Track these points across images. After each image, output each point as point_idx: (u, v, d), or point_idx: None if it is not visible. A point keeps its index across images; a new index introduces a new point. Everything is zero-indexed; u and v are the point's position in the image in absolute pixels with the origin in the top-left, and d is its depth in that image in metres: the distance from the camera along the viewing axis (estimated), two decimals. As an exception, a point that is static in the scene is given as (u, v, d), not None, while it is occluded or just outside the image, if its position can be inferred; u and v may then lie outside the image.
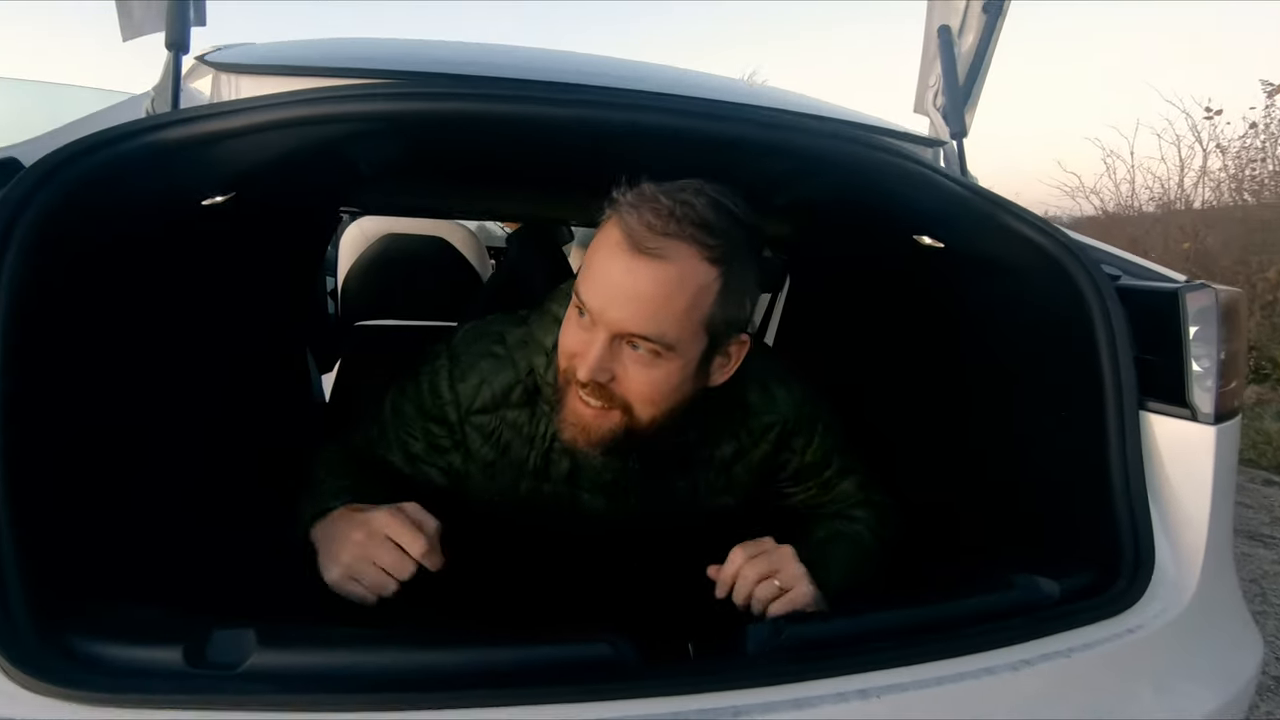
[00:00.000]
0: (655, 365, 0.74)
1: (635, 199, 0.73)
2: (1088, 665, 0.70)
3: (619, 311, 0.71)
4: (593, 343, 0.73)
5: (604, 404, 0.76)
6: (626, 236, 0.71)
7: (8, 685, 0.53)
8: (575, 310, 0.76)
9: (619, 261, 0.71)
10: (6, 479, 0.58)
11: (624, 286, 0.71)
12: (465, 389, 0.89)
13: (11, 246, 0.63)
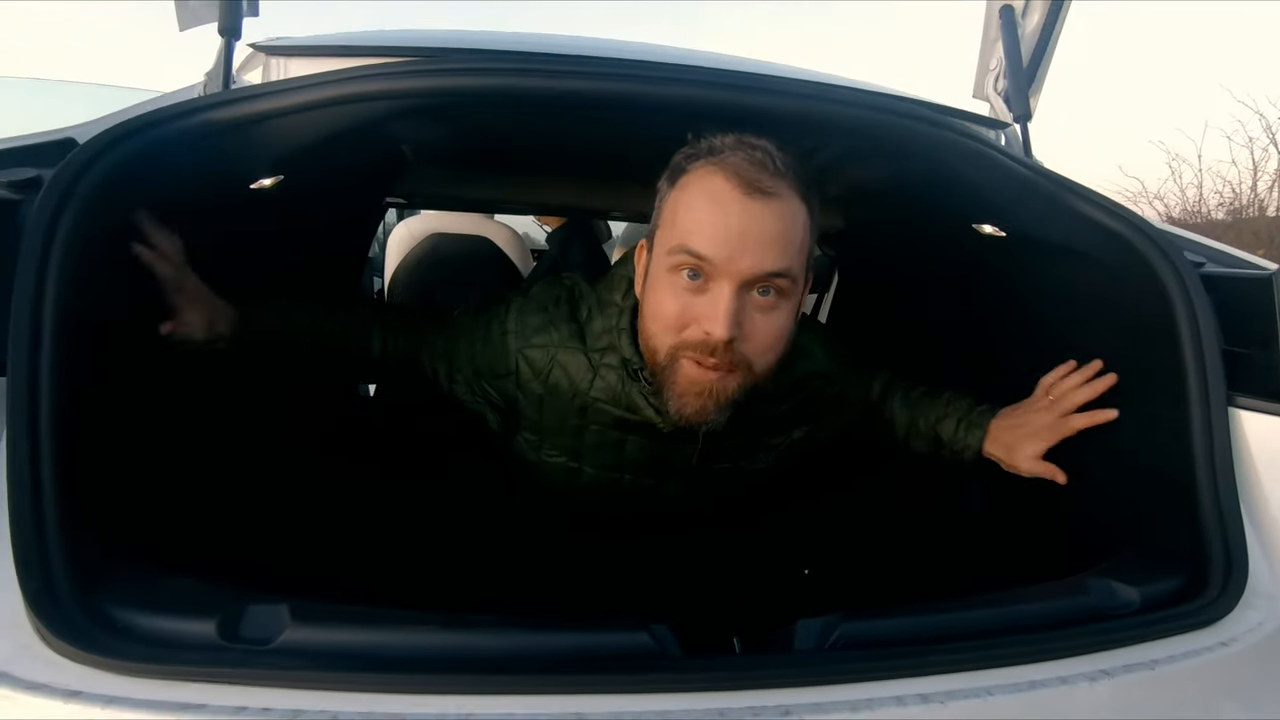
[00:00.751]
0: (778, 309, 0.74)
1: (734, 145, 0.72)
2: (1175, 680, 0.64)
3: (751, 255, 0.70)
4: (718, 299, 0.70)
5: (727, 365, 0.73)
6: (737, 180, 0.70)
7: (46, 652, 0.53)
8: (679, 274, 0.73)
9: (735, 206, 0.70)
10: (54, 450, 0.59)
11: (751, 229, 0.70)
12: (530, 325, 0.89)
13: (68, 213, 0.64)
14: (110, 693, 0.50)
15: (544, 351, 0.88)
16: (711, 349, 0.72)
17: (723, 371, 0.74)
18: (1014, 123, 1.12)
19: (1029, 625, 0.66)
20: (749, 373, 0.75)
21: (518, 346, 0.88)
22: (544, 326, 0.88)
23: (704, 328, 0.71)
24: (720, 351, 0.72)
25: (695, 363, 0.73)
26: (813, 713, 0.54)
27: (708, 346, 0.72)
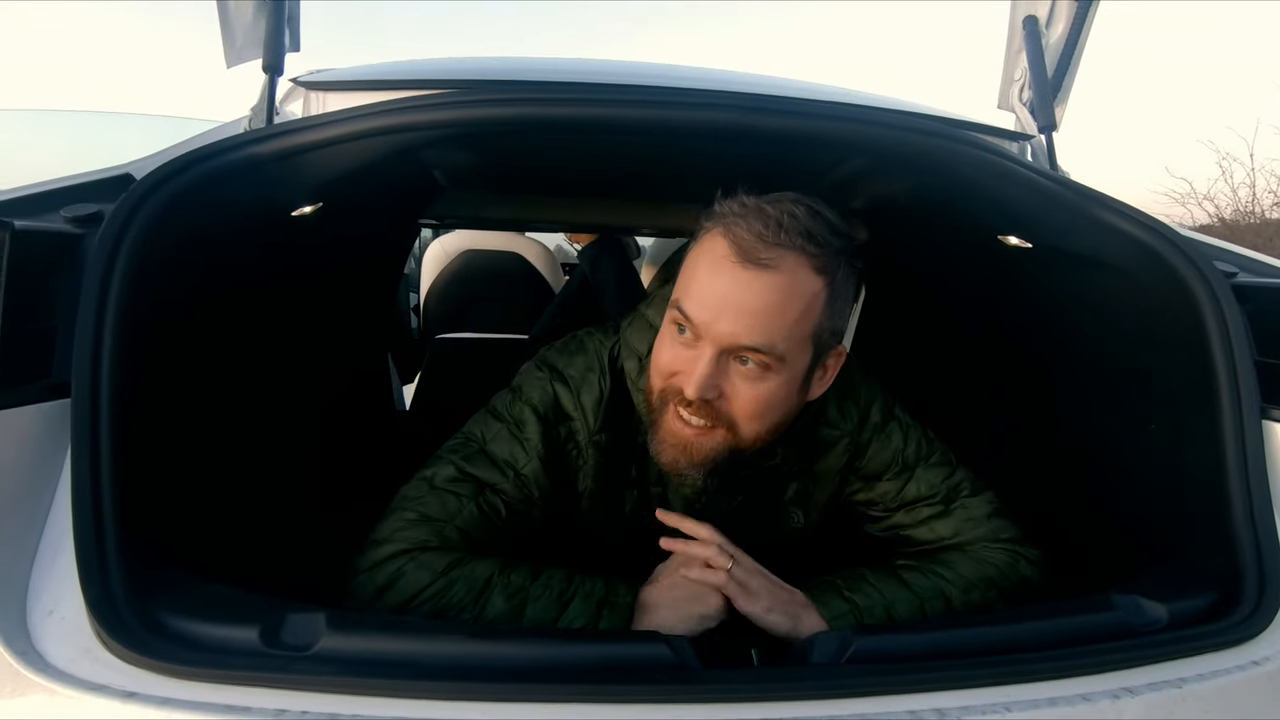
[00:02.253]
0: (763, 379, 0.73)
1: (739, 209, 0.72)
2: (1203, 699, 0.63)
3: (729, 324, 0.70)
4: (698, 359, 0.71)
5: (707, 422, 0.74)
6: (735, 247, 0.69)
7: (105, 655, 0.57)
8: (674, 327, 0.75)
9: (726, 273, 0.70)
10: (112, 466, 0.63)
11: (734, 298, 0.69)
12: (589, 406, 0.86)
13: (126, 245, 0.69)
14: (163, 694, 0.54)
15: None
16: (688, 403, 0.73)
17: (702, 429, 0.74)
18: (1039, 134, 1.12)
19: (1051, 641, 0.66)
20: (732, 434, 0.75)
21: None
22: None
23: (681, 383, 0.73)
24: (698, 409, 0.73)
25: (678, 415, 0.75)
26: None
27: (685, 400, 0.73)
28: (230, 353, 0.90)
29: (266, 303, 0.99)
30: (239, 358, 0.92)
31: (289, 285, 1.05)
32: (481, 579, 0.73)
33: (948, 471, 0.93)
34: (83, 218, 0.73)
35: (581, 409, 0.85)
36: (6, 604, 0.58)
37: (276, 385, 0.99)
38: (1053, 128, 1.11)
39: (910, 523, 0.92)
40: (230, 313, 0.90)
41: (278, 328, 1.03)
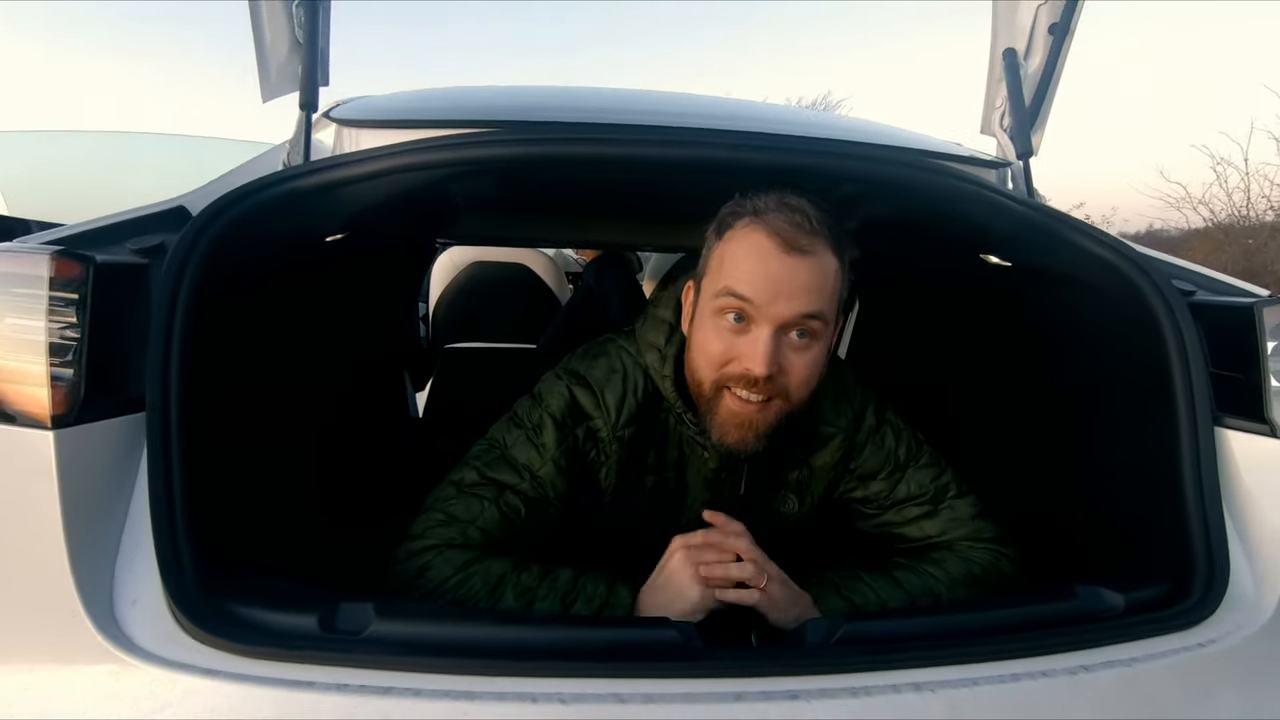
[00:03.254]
0: (810, 347, 0.84)
1: (773, 206, 0.83)
2: (1152, 677, 0.71)
3: (787, 302, 0.81)
4: (757, 340, 0.81)
5: (765, 396, 0.84)
6: (778, 239, 0.81)
7: (186, 639, 0.65)
8: (724, 317, 0.83)
9: (775, 260, 0.81)
10: (182, 472, 0.71)
11: (786, 280, 0.80)
12: (612, 405, 0.94)
13: (188, 274, 0.77)
14: (239, 671, 0.62)
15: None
16: (753, 382, 0.82)
17: (761, 404, 0.84)
18: (1017, 159, 1.20)
19: (1018, 626, 0.74)
20: (786, 402, 0.85)
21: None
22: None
23: (745, 365, 0.82)
24: (761, 385, 0.82)
25: (736, 397, 0.84)
26: (818, 697, 0.63)
27: (749, 380, 0.82)
28: (272, 365, 0.99)
29: (302, 319, 1.07)
30: (279, 369, 1.00)
31: (321, 303, 1.14)
32: (495, 576, 0.81)
33: (936, 473, 1.01)
34: (147, 249, 0.81)
35: (605, 408, 0.94)
36: (97, 595, 0.66)
37: (311, 394, 1.08)
38: (1030, 154, 1.19)
39: (900, 521, 1.01)
40: (272, 329, 0.98)
41: (312, 341, 1.11)
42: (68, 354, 0.68)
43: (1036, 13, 1.22)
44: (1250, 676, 0.75)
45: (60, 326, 0.68)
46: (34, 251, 0.70)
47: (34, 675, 0.66)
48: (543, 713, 0.60)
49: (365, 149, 0.92)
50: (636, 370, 0.96)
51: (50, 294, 0.68)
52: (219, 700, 0.61)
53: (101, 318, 0.71)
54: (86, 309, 0.70)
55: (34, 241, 0.79)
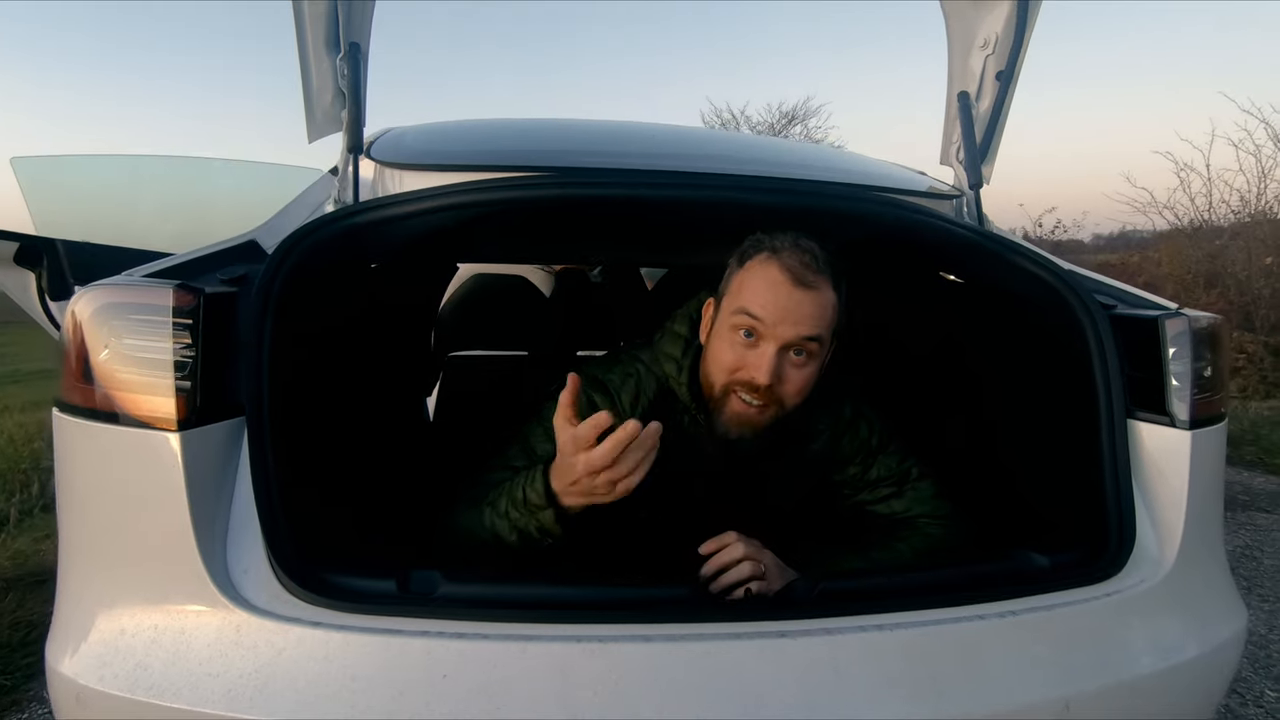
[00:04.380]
0: (806, 366, 1.00)
1: (790, 246, 0.99)
2: (1068, 619, 0.88)
3: (793, 327, 0.97)
4: (763, 355, 0.98)
5: (764, 402, 1.00)
6: (789, 274, 0.97)
7: (290, 599, 0.80)
8: (738, 333, 1.00)
9: (785, 290, 0.97)
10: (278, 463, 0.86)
11: (794, 309, 0.97)
12: (626, 407, 1.11)
13: (272, 301, 0.92)
14: (340, 623, 0.78)
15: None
16: (755, 389, 1.00)
17: (760, 408, 1.01)
18: (970, 189, 1.38)
19: (961, 583, 0.91)
20: (781, 408, 1.02)
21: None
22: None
23: (751, 374, 0.99)
24: (762, 392, 1.00)
25: (740, 399, 1.01)
26: (801, 636, 0.80)
27: (752, 386, 0.99)
28: (330, 373, 1.14)
29: (351, 334, 1.22)
30: (339, 376, 1.16)
31: (364, 319, 1.29)
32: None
33: (901, 458, 1.20)
34: (235, 279, 0.96)
35: (621, 407, 1.11)
36: (217, 566, 0.81)
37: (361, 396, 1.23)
38: (980, 184, 1.37)
39: (872, 500, 1.19)
40: (333, 342, 1.13)
41: (358, 353, 1.27)
42: (186, 369, 0.83)
43: (985, 61, 1.40)
44: (1151, 618, 0.93)
45: (180, 347, 0.83)
46: (156, 284, 0.85)
47: (160, 629, 0.81)
48: (585, 650, 0.76)
49: (413, 190, 1.08)
50: (649, 376, 1.13)
51: (173, 320, 0.83)
52: (326, 646, 0.76)
53: (209, 338, 0.86)
54: (199, 331, 0.85)
55: (137, 275, 0.93)
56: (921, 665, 0.81)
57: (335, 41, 1.24)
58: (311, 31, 1.23)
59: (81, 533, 0.88)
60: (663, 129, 1.54)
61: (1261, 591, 2.55)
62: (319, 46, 1.24)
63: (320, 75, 1.27)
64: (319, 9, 1.20)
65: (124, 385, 0.84)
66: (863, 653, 0.81)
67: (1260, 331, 6.34)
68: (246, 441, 0.87)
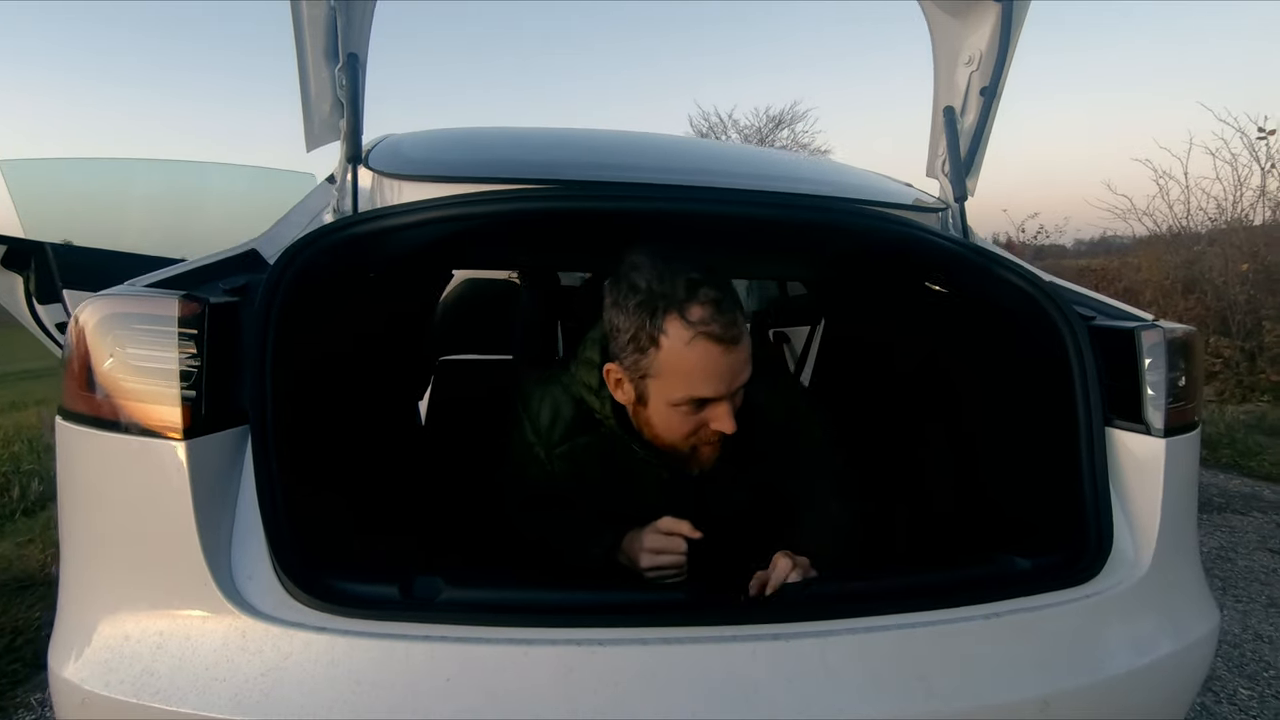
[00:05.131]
0: (740, 395, 1.05)
1: (709, 313, 0.96)
2: (1049, 619, 0.92)
3: (740, 378, 1.01)
4: (723, 411, 1.01)
5: (720, 438, 1.05)
6: (722, 343, 0.97)
7: (295, 605, 0.82)
8: (687, 408, 1.01)
9: (721, 354, 0.97)
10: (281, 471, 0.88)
11: (735, 365, 1.00)
12: (544, 429, 1.17)
13: (274, 311, 0.94)
14: (344, 628, 0.79)
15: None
16: (717, 435, 1.04)
17: (717, 443, 1.07)
18: (955, 202, 1.42)
19: (948, 586, 0.94)
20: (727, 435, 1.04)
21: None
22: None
23: (716, 427, 1.03)
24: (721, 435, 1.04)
25: (708, 444, 1.07)
26: (794, 638, 0.82)
27: (718, 435, 1.04)
28: (330, 380, 1.15)
29: (350, 342, 1.24)
30: (335, 383, 1.17)
31: (362, 328, 1.30)
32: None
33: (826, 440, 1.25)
34: (237, 288, 0.98)
35: (538, 428, 1.17)
36: (222, 572, 0.82)
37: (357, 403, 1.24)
38: (965, 197, 1.41)
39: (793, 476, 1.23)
40: (330, 350, 1.15)
41: (356, 360, 1.28)
42: (191, 379, 0.85)
43: (970, 77, 1.44)
44: (1128, 618, 0.97)
45: (186, 356, 0.85)
46: (162, 295, 0.86)
47: (165, 635, 0.82)
48: (585, 653, 0.79)
49: (412, 201, 1.10)
50: (566, 398, 1.17)
51: (179, 330, 0.85)
52: (331, 651, 0.78)
53: (214, 348, 0.88)
54: (204, 341, 0.86)
55: (140, 285, 0.95)
56: (909, 665, 0.84)
57: (334, 52, 1.26)
58: (310, 42, 1.24)
59: (85, 539, 0.89)
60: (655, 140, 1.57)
61: (1236, 592, 2.61)
62: (318, 56, 1.25)
63: (319, 85, 1.28)
64: (318, 19, 1.22)
65: (130, 394, 0.85)
66: (853, 653, 0.84)
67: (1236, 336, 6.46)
68: (250, 449, 0.88)
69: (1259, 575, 2.77)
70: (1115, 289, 8.39)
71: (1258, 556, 2.96)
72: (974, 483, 1.33)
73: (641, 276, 0.99)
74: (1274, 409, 5.77)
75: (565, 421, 1.17)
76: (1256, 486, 3.99)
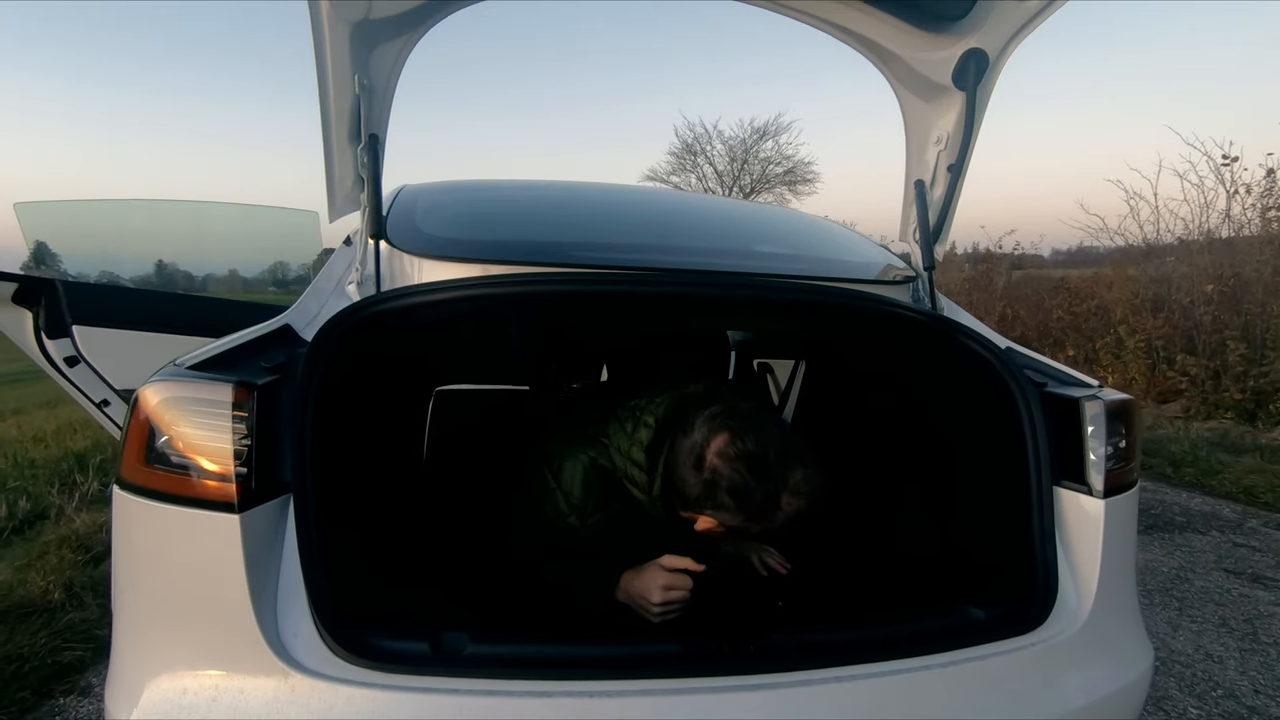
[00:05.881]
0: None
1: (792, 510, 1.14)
2: (1000, 666, 1.04)
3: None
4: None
5: None
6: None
7: (339, 662, 0.92)
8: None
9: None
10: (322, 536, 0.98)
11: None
12: (578, 502, 1.28)
13: (313, 384, 1.04)
14: (383, 683, 0.90)
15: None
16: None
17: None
18: (924, 270, 1.55)
19: (910, 637, 1.07)
20: None
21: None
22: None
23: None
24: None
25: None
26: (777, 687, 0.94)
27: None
28: (360, 444, 1.26)
29: (371, 406, 1.34)
30: (364, 447, 1.27)
31: (381, 393, 1.41)
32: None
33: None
34: (277, 366, 1.08)
35: (574, 505, 1.29)
36: (270, 631, 0.93)
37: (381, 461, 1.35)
38: (933, 267, 1.55)
39: None
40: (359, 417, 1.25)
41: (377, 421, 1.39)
42: (243, 458, 0.95)
43: (938, 155, 1.58)
44: (1072, 662, 1.10)
45: (239, 437, 0.95)
46: (217, 381, 0.96)
47: (220, 689, 0.92)
48: (597, 703, 0.90)
49: (436, 281, 1.21)
50: (595, 471, 1.29)
51: (233, 413, 0.95)
52: (372, 703, 0.89)
53: (262, 427, 0.98)
54: (253, 422, 0.97)
55: (183, 367, 1.04)
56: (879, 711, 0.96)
57: (357, 133, 1.36)
58: (336, 124, 1.35)
59: (144, 600, 0.98)
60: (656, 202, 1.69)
61: (1191, 613, 2.77)
62: (342, 138, 1.36)
63: (342, 163, 1.39)
64: (344, 105, 1.33)
65: (186, 470, 0.95)
66: (832, 701, 0.96)
67: (1202, 355, 6.72)
68: (293, 516, 0.98)
69: (1214, 595, 2.94)
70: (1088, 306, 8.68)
71: (1214, 577, 3.13)
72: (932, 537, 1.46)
73: (736, 473, 1.11)
74: (1236, 426, 6.01)
75: (598, 492, 1.28)
76: (1217, 505, 4.18)
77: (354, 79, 1.31)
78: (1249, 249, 6.97)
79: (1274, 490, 4.29)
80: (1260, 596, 2.95)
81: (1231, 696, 2.20)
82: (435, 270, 1.27)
